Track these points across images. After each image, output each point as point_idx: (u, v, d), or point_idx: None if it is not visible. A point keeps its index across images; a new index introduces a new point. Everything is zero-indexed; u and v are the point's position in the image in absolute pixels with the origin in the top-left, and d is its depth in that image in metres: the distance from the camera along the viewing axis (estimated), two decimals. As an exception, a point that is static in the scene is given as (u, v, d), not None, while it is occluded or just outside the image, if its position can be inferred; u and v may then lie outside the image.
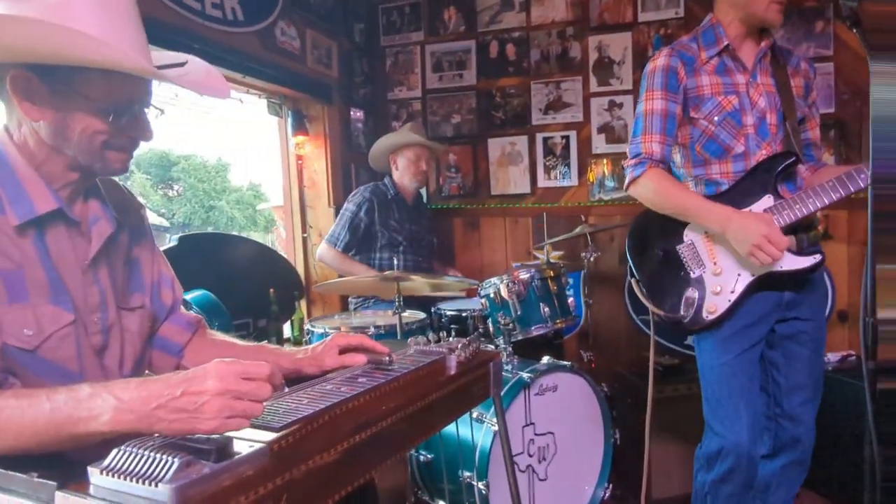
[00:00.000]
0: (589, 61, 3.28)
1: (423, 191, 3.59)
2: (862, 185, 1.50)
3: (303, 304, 3.45)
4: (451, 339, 1.53)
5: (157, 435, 0.77)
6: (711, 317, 1.64)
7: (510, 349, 2.32)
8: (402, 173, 3.03)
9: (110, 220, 1.10)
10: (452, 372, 1.27)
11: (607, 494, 2.30)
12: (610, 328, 3.23)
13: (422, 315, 2.58)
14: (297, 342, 3.26)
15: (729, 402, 1.66)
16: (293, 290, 3.33)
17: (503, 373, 1.72)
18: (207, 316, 2.45)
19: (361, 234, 2.95)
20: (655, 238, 1.77)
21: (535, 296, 2.41)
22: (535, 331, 2.39)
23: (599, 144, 3.27)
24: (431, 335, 1.50)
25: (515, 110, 3.44)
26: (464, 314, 2.64)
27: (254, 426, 0.83)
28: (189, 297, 2.40)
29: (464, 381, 1.30)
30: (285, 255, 3.48)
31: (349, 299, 3.05)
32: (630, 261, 1.81)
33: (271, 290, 3.10)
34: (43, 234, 0.98)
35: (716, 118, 1.63)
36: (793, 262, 1.59)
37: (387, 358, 1.20)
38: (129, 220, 1.18)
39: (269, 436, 0.81)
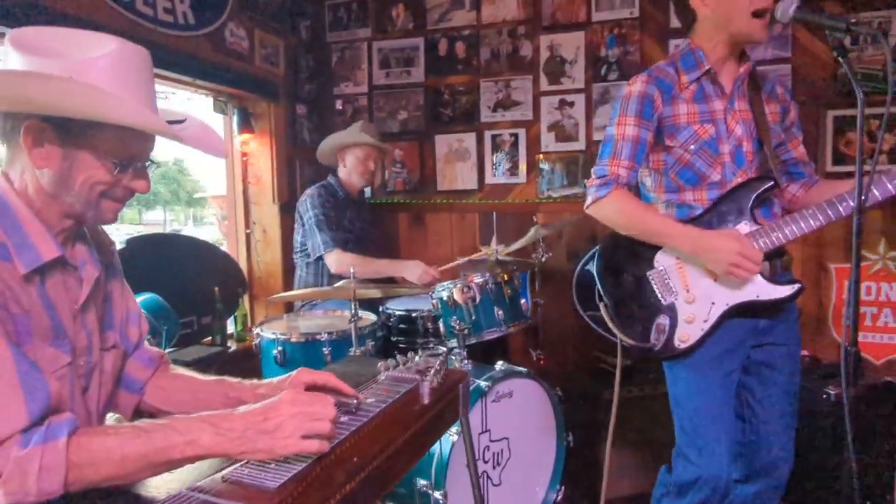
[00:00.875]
0: (540, 60, 3.31)
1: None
2: (843, 213, 1.48)
3: (246, 300, 3.39)
4: (417, 357, 1.54)
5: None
6: (683, 345, 1.61)
7: (465, 354, 2.36)
8: (350, 171, 3.00)
9: (95, 263, 1.11)
10: (426, 401, 1.28)
11: (559, 497, 2.37)
12: (558, 325, 3.33)
13: (373, 317, 2.57)
14: (240, 339, 3.23)
15: (708, 433, 1.62)
16: (237, 287, 3.27)
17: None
18: (156, 320, 2.38)
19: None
20: (626, 261, 1.73)
21: (490, 299, 2.45)
22: (489, 334, 2.43)
23: (549, 143, 3.33)
24: (400, 357, 1.51)
25: (464, 108, 3.44)
26: (413, 314, 2.64)
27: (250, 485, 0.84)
28: (139, 300, 2.32)
29: (438, 407, 1.32)
30: (228, 252, 3.40)
31: None
32: (598, 283, 1.78)
33: (216, 288, 3.04)
34: (44, 279, 1.01)
35: (692, 147, 1.61)
36: (772, 292, 1.57)
37: (354, 402, 1.17)
38: (105, 259, 1.17)
39: (268, 497, 0.81)
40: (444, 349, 2.37)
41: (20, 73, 0.94)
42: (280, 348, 2.30)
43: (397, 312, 2.70)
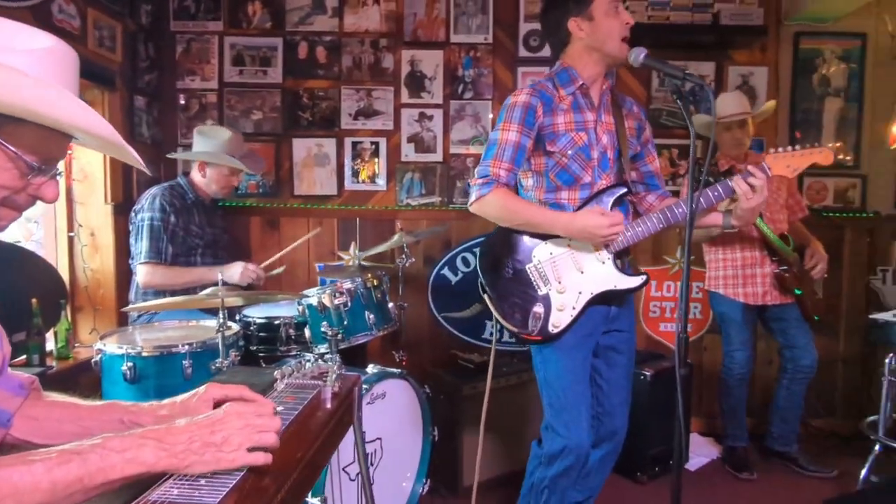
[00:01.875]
0: (401, 73, 3.39)
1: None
2: (680, 218, 1.78)
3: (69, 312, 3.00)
4: (309, 364, 1.51)
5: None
6: (556, 330, 1.83)
7: (338, 359, 2.33)
8: (210, 182, 2.81)
9: None
10: (329, 406, 1.28)
11: (425, 490, 2.45)
12: (416, 327, 3.42)
13: (236, 327, 2.44)
14: (61, 356, 2.84)
15: (573, 407, 1.85)
16: (58, 298, 2.88)
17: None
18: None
19: (180, 241, 2.69)
20: (506, 257, 1.91)
21: (361, 304, 2.46)
22: (360, 338, 2.45)
23: (409, 153, 3.41)
24: (294, 363, 1.47)
25: (324, 113, 3.40)
26: (276, 322, 2.55)
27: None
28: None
29: (339, 411, 1.31)
30: (47, 258, 2.98)
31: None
32: (482, 278, 1.94)
33: (34, 301, 2.65)
34: None
35: (569, 152, 1.83)
36: (627, 282, 1.86)
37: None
38: None
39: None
40: (315, 355, 2.34)
41: None
42: (130, 364, 2.08)
43: (258, 320, 2.59)
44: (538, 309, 1.85)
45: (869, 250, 3.55)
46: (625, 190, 1.89)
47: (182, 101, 3.38)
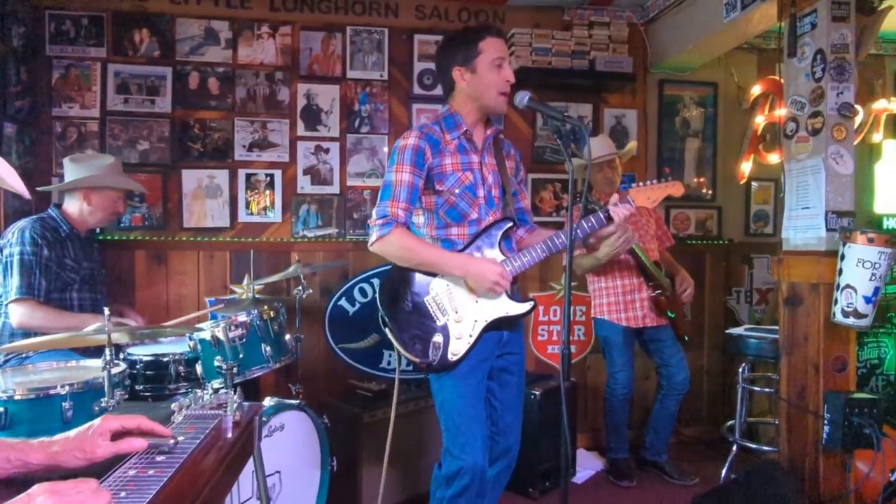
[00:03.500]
0: (297, 106, 3.41)
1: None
2: (560, 247, 1.95)
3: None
4: (207, 396, 1.49)
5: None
6: (455, 358, 1.91)
7: (234, 393, 2.27)
8: (96, 210, 2.66)
9: None
10: (230, 435, 1.28)
11: (327, 520, 2.43)
12: (313, 358, 3.39)
13: (123, 365, 2.32)
14: None
15: (468, 429, 1.91)
16: None
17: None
18: None
19: (53, 276, 2.52)
20: (405, 291, 1.98)
21: (257, 336, 2.42)
22: (256, 372, 2.40)
23: (305, 185, 3.42)
24: (192, 395, 1.45)
25: (216, 143, 3.35)
26: (164, 359, 2.44)
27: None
28: None
29: (241, 440, 1.31)
30: None
31: None
32: (382, 312, 2.00)
33: None
34: None
35: (457, 191, 1.95)
36: (517, 308, 1.98)
37: (172, 441, 1.11)
38: None
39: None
40: (208, 391, 2.27)
41: None
42: (1, 409, 1.92)
43: (144, 358, 2.47)
44: (437, 339, 1.92)
45: (725, 273, 3.99)
46: (510, 224, 2.03)
47: (59, 129, 3.20)
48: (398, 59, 3.54)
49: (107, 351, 1.97)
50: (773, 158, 3.79)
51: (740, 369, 3.09)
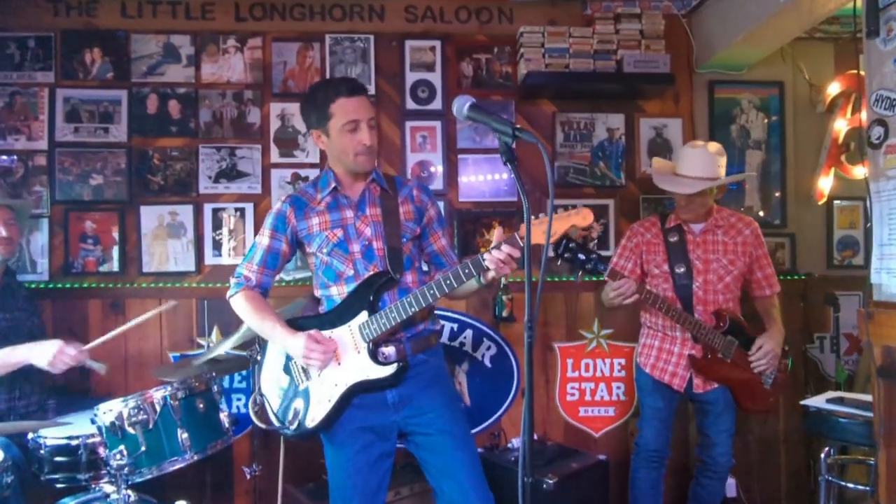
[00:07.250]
0: (270, 129, 2.97)
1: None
2: (438, 294, 1.75)
3: None
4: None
5: None
6: (313, 424, 1.83)
7: (130, 497, 1.77)
8: None
9: None
10: None
11: None
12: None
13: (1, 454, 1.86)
14: None
15: (341, 500, 1.84)
16: None
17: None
18: None
19: None
20: (273, 354, 1.97)
21: (171, 420, 1.92)
22: (171, 465, 1.90)
23: (278, 221, 2.94)
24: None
25: (178, 175, 2.92)
26: (74, 443, 2.02)
27: None
28: None
29: None
30: None
31: None
32: (256, 375, 1.99)
33: None
34: None
35: (324, 250, 1.90)
36: (378, 372, 1.81)
37: None
38: None
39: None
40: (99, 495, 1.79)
41: None
42: None
43: (49, 442, 2.01)
44: (298, 404, 1.87)
45: (804, 316, 3.21)
46: (386, 278, 1.87)
47: (4, 165, 2.85)
48: (387, 70, 3.04)
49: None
50: (860, 172, 3.12)
51: (822, 455, 2.32)
